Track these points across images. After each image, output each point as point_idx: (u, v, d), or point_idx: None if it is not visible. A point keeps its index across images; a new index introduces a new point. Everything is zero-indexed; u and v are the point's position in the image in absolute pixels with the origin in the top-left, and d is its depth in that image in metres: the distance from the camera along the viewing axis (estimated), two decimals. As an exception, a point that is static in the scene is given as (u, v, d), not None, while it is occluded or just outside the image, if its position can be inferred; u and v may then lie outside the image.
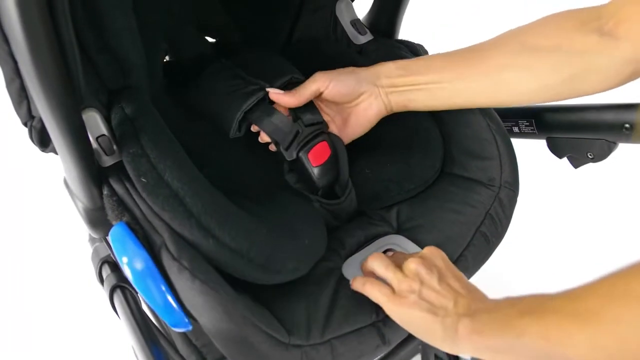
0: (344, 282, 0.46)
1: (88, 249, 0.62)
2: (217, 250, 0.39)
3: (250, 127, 0.55)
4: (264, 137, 0.55)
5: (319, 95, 0.53)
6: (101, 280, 0.58)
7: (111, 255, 0.59)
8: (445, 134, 0.55)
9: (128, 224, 0.41)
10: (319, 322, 0.41)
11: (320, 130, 0.53)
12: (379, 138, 0.56)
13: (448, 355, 0.96)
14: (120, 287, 0.55)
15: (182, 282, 0.37)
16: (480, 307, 0.39)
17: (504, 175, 0.51)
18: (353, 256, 0.49)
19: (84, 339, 1.04)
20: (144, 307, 0.56)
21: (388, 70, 0.51)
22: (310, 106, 0.54)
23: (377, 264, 0.43)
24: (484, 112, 0.54)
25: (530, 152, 0.67)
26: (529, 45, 0.46)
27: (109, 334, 1.02)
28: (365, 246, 0.50)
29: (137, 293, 0.56)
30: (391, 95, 0.51)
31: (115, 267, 0.57)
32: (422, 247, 0.49)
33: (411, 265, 0.41)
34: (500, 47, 0.47)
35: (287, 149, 0.52)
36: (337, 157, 0.52)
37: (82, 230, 0.61)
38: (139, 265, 0.39)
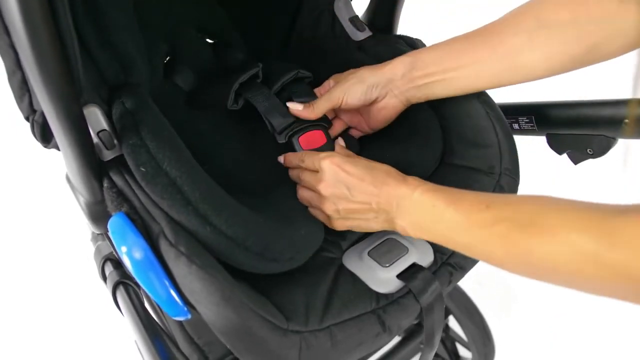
0: (344, 272, 0.46)
1: (91, 248, 0.62)
2: (214, 238, 0.39)
3: (245, 102, 0.58)
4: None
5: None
6: (104, 278, 0.58)
7: (113, 253, 0.59)
8: (445, 126, 0.55)
9: (127, 214, 0.41)
10: (318, 309, 0.41)
11: (318, 124, 0.55)
12: (378, 130, 0.56)
13: (449, 354, 0.95)
14: (123, 283, 0.56)
15: (179, 268, 0.37)
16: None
17: (504, 162, 0.51)
18: (354, 247, 0.49)
19: (88, 335, 1.05)
20: (147, 305, 0.56)
21: (399, 72, 0.51)
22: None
23: (300, 194, 0.49)
24: (482, 100, 0.53)
25: (531, 149, 0.67)
26: (545, 21, 0.44)
27: (112, 330, 1.02)
28: (366, 237, 0.50)
29: (139, 289, 0.56)
30: (407, 93, 0.52)
31: (117, 265, 0.58)
32: None
33: (322, 192, 0.46)
34: (516, 26, 0.46)
35: (279, 133, 0.55)
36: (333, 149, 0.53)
37: (84, 229, 0.62)
38: (137, 253, 0.39)
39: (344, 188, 0.45)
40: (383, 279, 0.44)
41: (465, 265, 0.47)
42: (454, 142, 0.54)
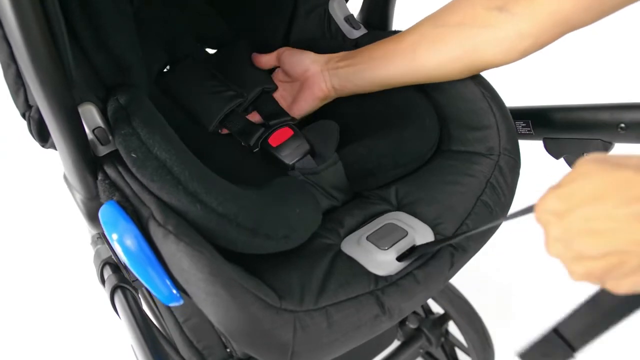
0: (341, 255, 0.44)
1: (90, 252, 0.62)
2: (204, 216, 0.38)
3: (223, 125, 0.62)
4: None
5: (279, 59, 0.63)
6: (102, 281, 0.57)
7: (112, 257, 0.59)
8: (441, 113, 0.55)
9: (118, 202, 0.41)
10: (313, 289, 0.39)
11: (283, 123, 0.58)
12: (371, 117, 0.56)
13: (446, 355, 0.92)
14: (121, 287, 0.55)
15: (167, 246, 0.36)
16: None
17: (502, 142, 0.50)
18: (353, 233, 0.47)
19: (87, 339, 1.04)
20: (145, 309, 0.55)
21: (337, 56, 0.58)
22: (278, 111, 0.60)
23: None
24: (477, 81, 0.53)
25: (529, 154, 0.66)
26: (439, 24, 0.51)
27: (110, 334, 1.01)
28: (365, 224, 0.48)
29: (137, 293, 0.56)
30: (333, 78, 0.57)
31: (116, 268, 0.57)
32: (423, 220, 0.47)
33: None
34: (416, 28, 0.53)
35: (252, 144, 0.58)
36: (305, 134, 0.55)
37: (84, 234, 0.61)
38: (128, 240, 0.39)
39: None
40: (382, 261, 0.43)
41: (467, 247, 0.45)
42: (451, 128, 0.54)
